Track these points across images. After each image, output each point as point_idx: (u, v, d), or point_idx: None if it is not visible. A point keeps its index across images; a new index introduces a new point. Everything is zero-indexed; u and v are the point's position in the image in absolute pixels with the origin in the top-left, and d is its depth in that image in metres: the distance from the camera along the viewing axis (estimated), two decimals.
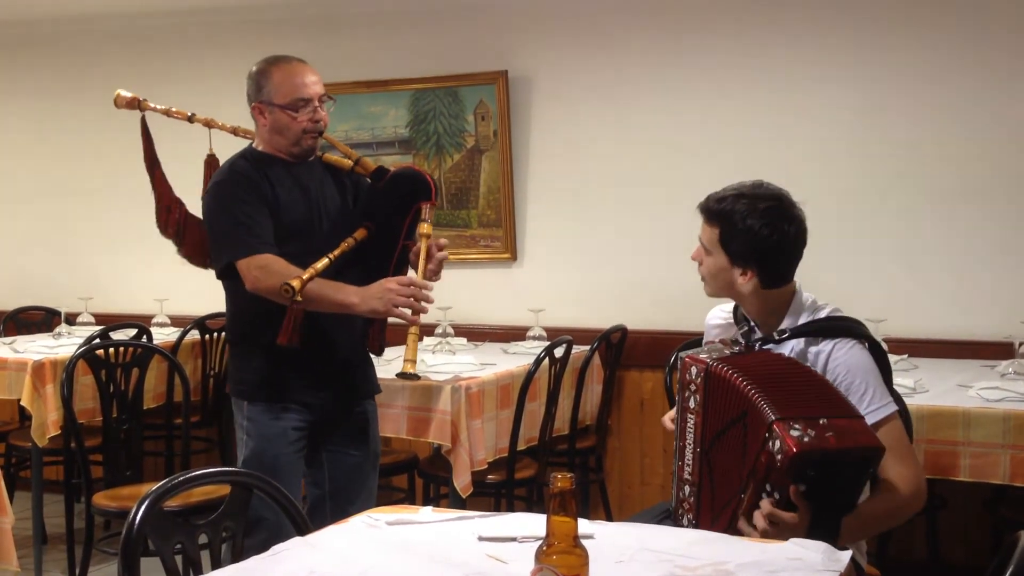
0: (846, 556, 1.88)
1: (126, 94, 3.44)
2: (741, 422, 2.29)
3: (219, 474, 2.30)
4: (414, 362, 3.00)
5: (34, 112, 6.19)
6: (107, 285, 5.78)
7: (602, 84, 4.97)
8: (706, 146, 4.77)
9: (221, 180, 3.08)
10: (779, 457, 2.16)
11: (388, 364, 4.14)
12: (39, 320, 5.70)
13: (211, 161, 3.43)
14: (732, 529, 2.28)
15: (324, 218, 3.11)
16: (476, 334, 5.01)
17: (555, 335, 4.35)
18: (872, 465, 2.27)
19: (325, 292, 2.94)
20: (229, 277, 3.06)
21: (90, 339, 4.42)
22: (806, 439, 2.15)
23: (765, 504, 2.21)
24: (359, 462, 3.22)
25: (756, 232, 2.44)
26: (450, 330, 4.59)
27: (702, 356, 2.43)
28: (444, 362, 4.01)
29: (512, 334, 4.94)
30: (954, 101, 4.42)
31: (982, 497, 3.86)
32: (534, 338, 4.70)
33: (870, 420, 2.37)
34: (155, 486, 1.99)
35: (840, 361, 2.44)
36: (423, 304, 2.97)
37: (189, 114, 3.44)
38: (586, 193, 5.02)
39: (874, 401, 2.41)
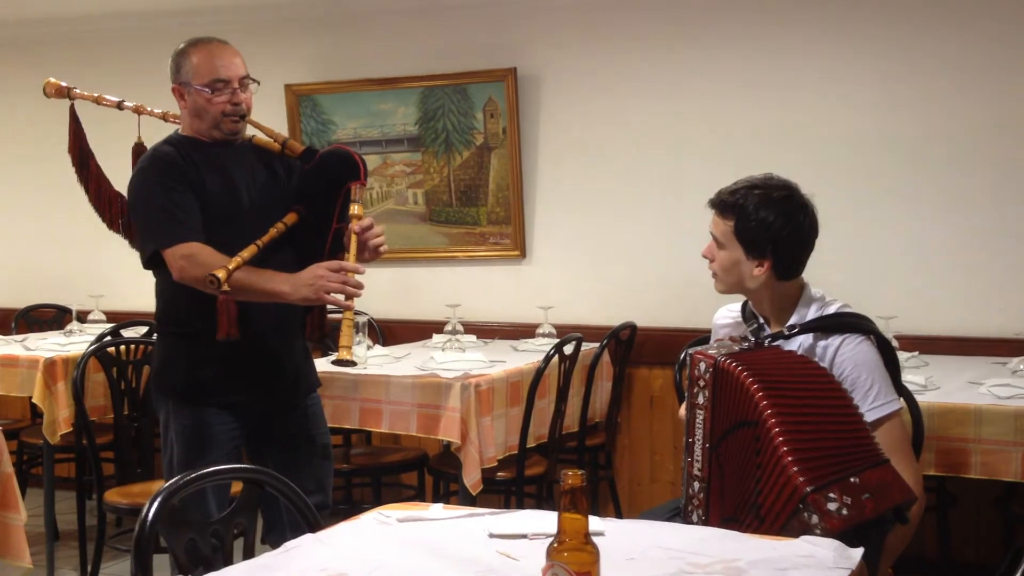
0: (857, 554, 1.88)
1: (55, 81, 3.31)
2: (752, 428, 2.29)
3: (230, 471, 2.31)
4: (350, 348, 2.87)
5: (44, 110, 6.19)
6: (118, 282, 5.78)
7: (611, 81, 4.96)
8: (716, 143, 4.76)
9: (145, 166, 2.98)
10: (818, 531, 2.12)
11: (398, 361, 4.16)
12: (50, 318, 5.72)
13: (138, 149, 3.27)
14: None
15: (252, 203, 3.00)
16: (485, 331, 5.01)
17: (565, 332, 4.35)
18: (906, 513, 2.29)
19: (254, 281, 2.83)
20: (155, 266, 2.96)
21: (101, 336, 4.43)
22: (844, 512, 2.14)
23: None
24: (307, 457, 3.11)
25: (771, 222, 2.48)
26: (459, 327, 4.59)
27: (711, 352, 2.44)
28: (454, 359, 4.01)
29: (521, 331, 4.94)
30: (966, 98, 4.40)
31: (993, 494, 3.85)
32: (544, 335, 4.70)
33: (873, 416, 2.40)
34: (167, 483, 1.99)
35: (847, 356, 2.46)
36: (355, 289, 2.85)
37: (118, 101, 3.30)
38: (595, 190, 5.01)
39: (879, 398, 2.43)
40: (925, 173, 4.47)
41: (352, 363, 2.91)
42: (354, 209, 2.94)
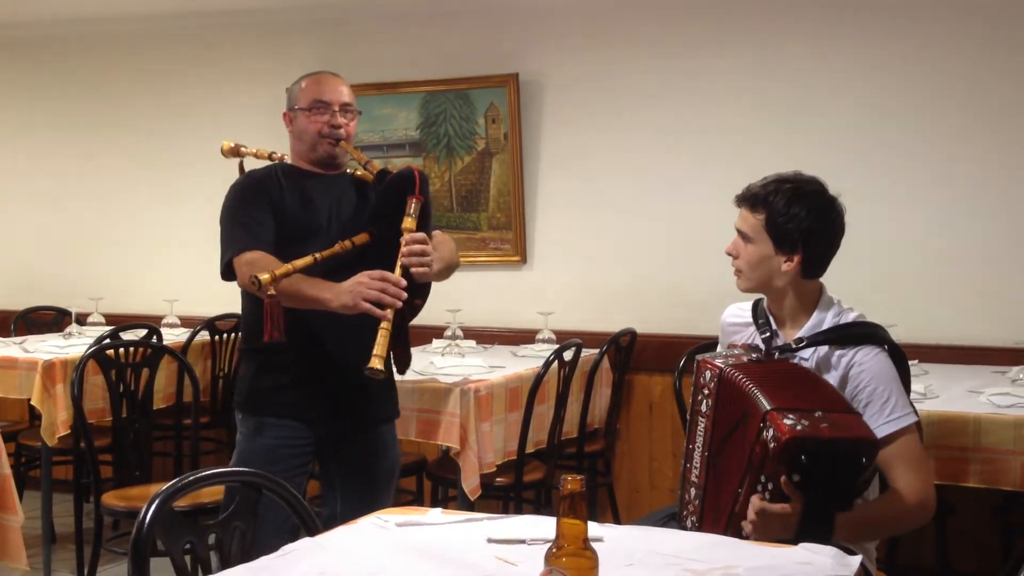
0: (855, 561, 1.88)
1: (230, 144, 3.35)
2: (742, 423, 2.31)
3: (228, 474, 2.30)
4: (381, 357, 2.83)
5: (47, 113, 6.21)
6: (118, 286, 5.79)
7: (613, 87, 4.97)
8: (717, 149, 4.76)
9: (232, 185, 3.09)
10: (772, 445, 2.17)
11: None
12: (50, 320, 5.72)
13: None
14: (732, 530, 2.28)
15: (334, 225, 3.05)
16: (485, 336, 5.01)
17: (564, 338, 4.35)
18: (866, 458, 2.26)
19: (300, 287, 2.85)
20: (231, 276, 3.00)
21: (100, 339, 4.43)
22: (799, 427, 2.18)
23: (755, 500, 2.22)
24: (372, 483, 3.13)
25: (803, 217, 2.47)
26: (459, 332, 4.59)
27: (717, 361, 2.43)
28: (453, 364, 4.01)
29: (521, 337, 4.94)
30: (967, 106, 4.41)
31: (992, 504, 3.85)
32: (543, 341, 4.70)
33: (890, 429, 2.36)
34: (165, 486, 1.99)
35: (864, 368, 2.43)
36: (394, 299, 2.80)
37: (269, 153, 3.32)
38: (596, 196, 5.02)
39: (896, 410, 2.40)
40: (925, 181, 4.47)
41: (380, 371, 2.84)
42: (405, 222, 2.95)
